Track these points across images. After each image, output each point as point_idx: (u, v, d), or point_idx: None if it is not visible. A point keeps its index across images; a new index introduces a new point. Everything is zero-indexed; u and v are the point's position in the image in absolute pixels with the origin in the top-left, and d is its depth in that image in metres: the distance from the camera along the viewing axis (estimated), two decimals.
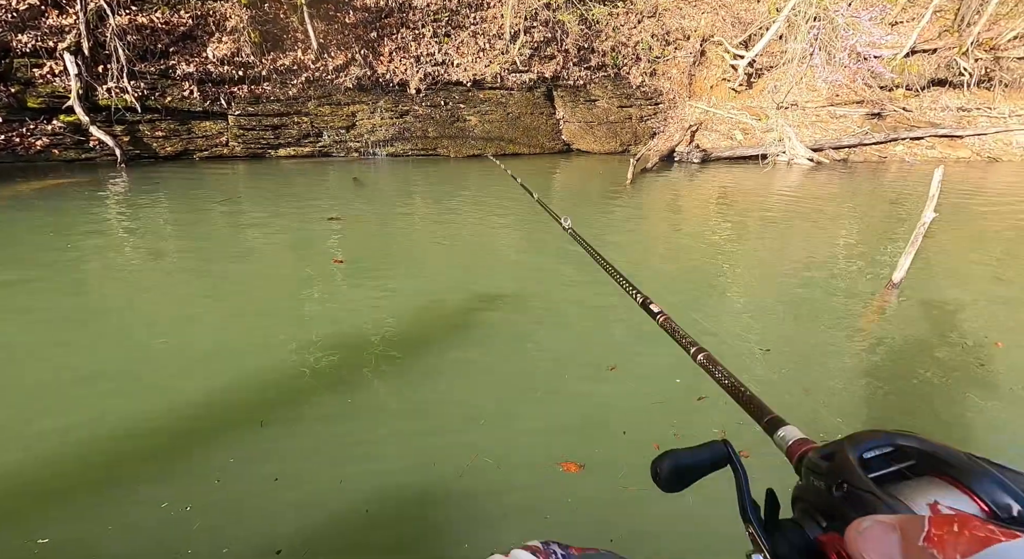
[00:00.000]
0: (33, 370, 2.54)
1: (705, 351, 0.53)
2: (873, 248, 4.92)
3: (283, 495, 1.82)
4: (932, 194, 3.70)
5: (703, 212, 6.57)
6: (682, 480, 0.36)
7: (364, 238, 4.92)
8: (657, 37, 12.51)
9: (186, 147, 8.75)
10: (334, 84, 9.74)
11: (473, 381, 2.52)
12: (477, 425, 2.23)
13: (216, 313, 3.24)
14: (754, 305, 3.57)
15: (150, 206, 5.90)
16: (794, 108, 11.85)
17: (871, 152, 11.06)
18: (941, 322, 3.29)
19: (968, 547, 0.19)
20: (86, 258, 4.17)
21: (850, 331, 3.16)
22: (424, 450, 2.06)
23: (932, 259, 4.33)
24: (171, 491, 1.81)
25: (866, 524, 0.22)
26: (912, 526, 0.21)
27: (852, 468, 0.28)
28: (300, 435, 2.12)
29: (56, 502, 1.77)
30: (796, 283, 3.95)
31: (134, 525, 1.69)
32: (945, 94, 12.14)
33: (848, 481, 0.27)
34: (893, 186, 8.49)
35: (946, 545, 0.19)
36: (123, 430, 2.13)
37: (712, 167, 10.13)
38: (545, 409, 2.35)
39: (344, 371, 2.58)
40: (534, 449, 2.09)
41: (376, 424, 2.21)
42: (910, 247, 3.55)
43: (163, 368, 2.58)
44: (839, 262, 4.43)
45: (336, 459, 1.99)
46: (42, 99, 7.62)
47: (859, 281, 3.96)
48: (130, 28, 8.15)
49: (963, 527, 0.20)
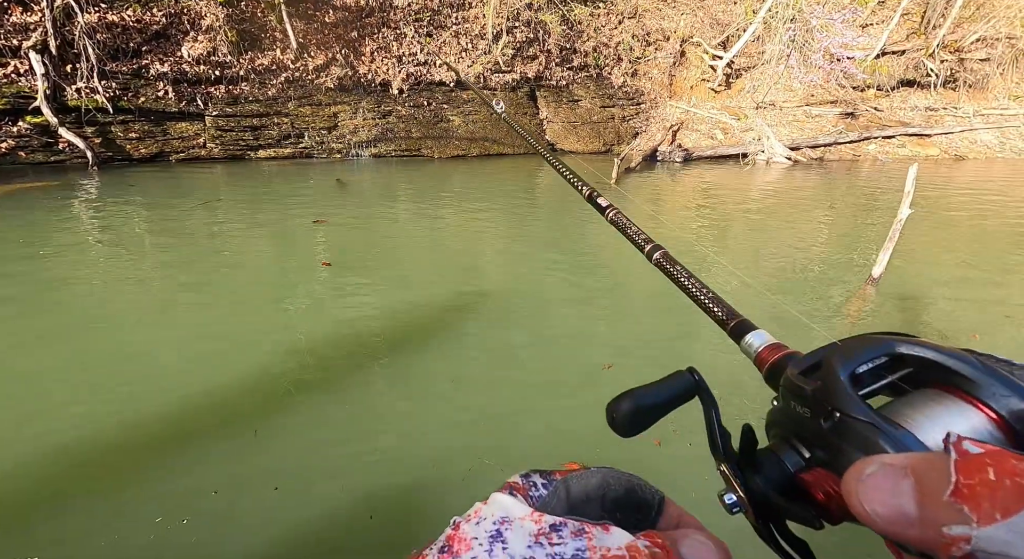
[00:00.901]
0: (6, 385, 2.43)
1: (662, 248, 0.49)
2: (852, 244, 5.07)
3: (284, 503, 1.78)
4: (908, 190, 3.82)
5: (687, 211, 6.67)
6: (643, 421, 0.29)
7: (350, 240, 4.86)
8: (638, 38, 12.65)
9: (161, 149, 8.49)
10: (315, 84, 9.58)
11: (472, 382, 2.51)
12: (478, 426, 2.22)
13: (200, 322, 3.16)
14: (737, 304, 3.64)
15: (125, 211, 5.71)
16: (771, 108, 12.13)
17: (846, 151, 11.39)
18: (919, 315, 3.41)
19: (1011, 501, 0.14)
20: (57, 268, 4.01)
21: (832, 326, 3.24)
22: (427, 452, 2.04)
23: (909, 254, 4.48)
24: (166, 504, 1.76)
25: (870, 469, 0.18)
26: (932, 473, 0.16)
27: (844, 392, 0.23)
28: (297, 442, 2.08)
29: (43, 517, 1.70)
30: (779, 280, 4.04)
31: (126, 541, 1.63)
32: (914, 94, 12.58)
33: (841, 409, 0.22)
34: (867, 183, 8.76)
35: (982, 500, 0.15)
36: (103, 443, 2.05)
37: (694, 166, 10.30)
38: (546, 409, 2.35)
39: (340, 376, 2.54)
40: (537, 450, 2.09)
41: (375, 427, 2.18)
42: (888, 242, 3.67)
43: (146, 377, 2.50)
44: (820, 259, 4.55)
45: (337, 465, 1.96)
46: (6, 100, 7.30)
47: (840, 277, 4.08)
48: (100, 26, 7.88)
49: (1001, 472, 0.15)
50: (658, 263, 0.47)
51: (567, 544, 0.19)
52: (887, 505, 0.17)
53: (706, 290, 0.40)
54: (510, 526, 0.20)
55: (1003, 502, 0.15)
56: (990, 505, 0.15)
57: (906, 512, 0.17)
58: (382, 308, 3.32)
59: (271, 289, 3.70)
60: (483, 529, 0.20)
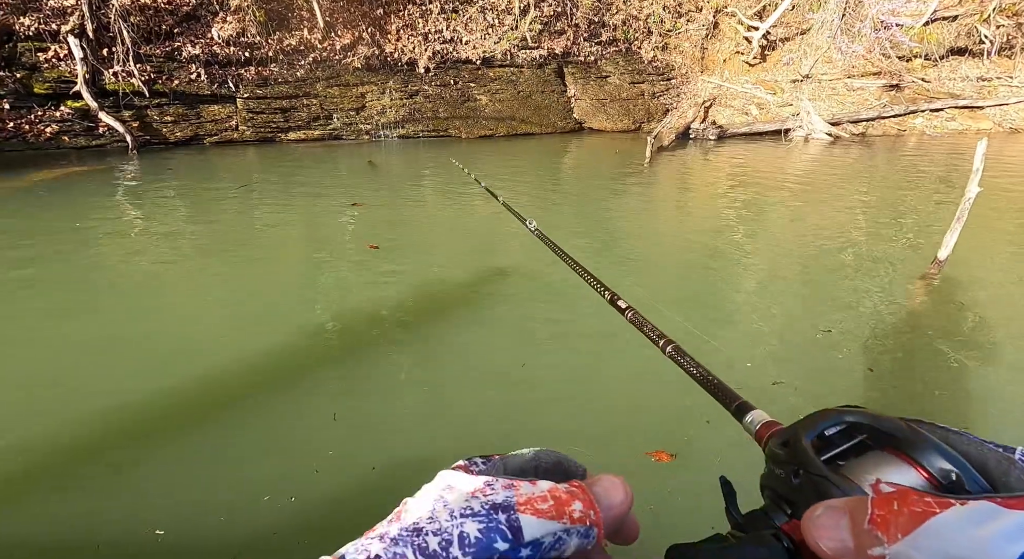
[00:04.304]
0: (42, 356, 2.53)
1: (673, 343, 0.55)
2: (907, 225, 4.86)
3: (324, 481, 1.83)
4: (976, 168, 3.62)
5: (731, 192, 6.48)
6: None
7: (389, 222, 4.87)
8: (669, 9, 12.16)
9: (196, 132, 8.61)
10: (342, 64, 9.52)
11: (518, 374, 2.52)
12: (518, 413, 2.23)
13: (256, 304, 3.23)
14: (803, 289, 3.54)
15: (168, 196, 5.83)
16: (809, 81, 11.59)
17: (890, 125, 10.85)
18: (986, 299, 3.27)
19: (907, 524, 0.19)
20: (112, 254, 4.13)
21: (902, 312, 3.13)
22: (456, 439, 2.07)
23: (975, 235, 4.27)
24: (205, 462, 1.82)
25: (818, 512, 0.22)
26: (859, 508, 0.21)
27: (805, 453, 0.28)
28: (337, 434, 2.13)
29: (57, 492, 1.78)
30: (835, 263, 3.91)
31: (139, 517, 1.69)
32: (965, 63, 11.83)
33: (803, 467, 0.27)
34: (916, 160, 8.35)
35: (888, 525, 0.19)
36: (132, 414, 2.13)
37: (729, 144, 9.97)
38: (584, 395, 2.35)
39: (393, 360, 2.57)
40: (550, 427, 2.10)
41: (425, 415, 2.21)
42: (955, 223, 3.50)
43: (197, 355, 2.57)
44: (875, 241, 4.38)
45: (367, 446, 2.00)
46: (49, 84, 7.46)
47: (900, 259, 3.92)
48: (133, 9, 7.92)
49: (902, 504, 0.20)
50: (671, 356, 0.53)
51: (498, 494, 0.24)
52: (833, 539, 0.21)
53: (712, 377, 0.47)
54: (451, 491, 0.24)
55: (903, 525, 0.19)
56: (894, 528, 0.19)
57: (846, 543, 0.20)
58: (436, 288, 3.34)
59: (322, 271, 3.75)
60: (428, 497, 0.24)
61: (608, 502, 0.25)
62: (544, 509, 0.23)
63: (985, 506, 0.19)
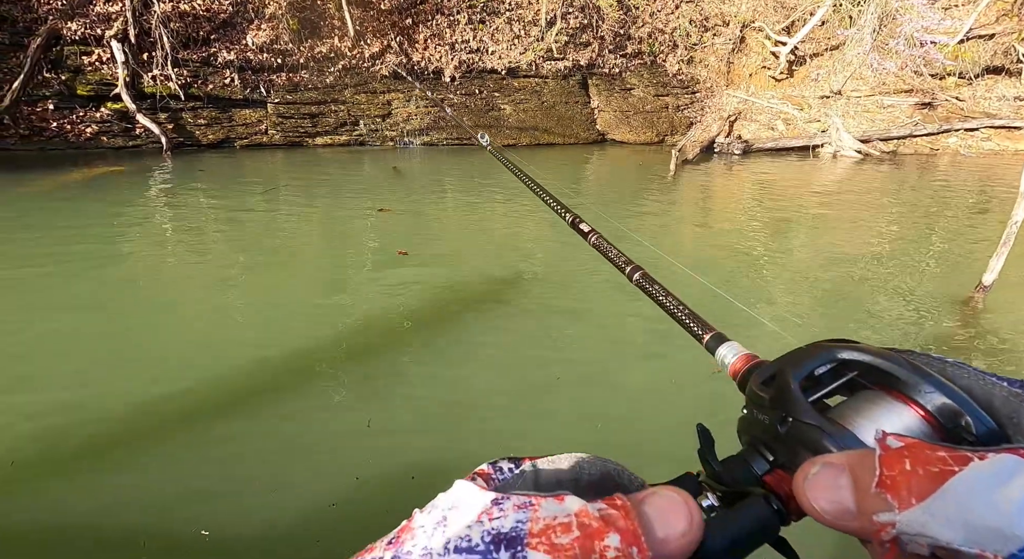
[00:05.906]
0: (75, 355, 2.58)
1: (641, 269, 0.51)
2: (944, 247, 4.72)
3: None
4: (1023, 191, 3.50)
5: (758, 207, 6.39)
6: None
7: (417, 228, 4.90)
8: (695, 23, 12.13)
9: (227, 135, 8.82)
10: (370, 72, 9.69)
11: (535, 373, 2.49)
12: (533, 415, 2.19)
13: (288, 307, 3.26)
14: (836, 311, 3.45)
15: (198, 197, 5.97)
16: (837, 97, 11.42)
17: (922, 144, 10.61)
18: None
19: (923, 487, 0.17)
20: (142, 250, 4.23)
21: (944, 338, 3.03)
22: (468, 443, 2.04)
23: (1017, 260, 4.12)
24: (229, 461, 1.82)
25: (814, 469, 0.19)
26: (864, 467, 0.18)
27: (793, 398, 0.24)
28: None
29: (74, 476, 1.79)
30: (869, 286, 3.81)
31: (160, 504, 1.69)
32: (1001, 82, 11.55)
33: (791, 413, 0.24)
34: (949, 180, 8.14)
35: (900, 487, 0.17)
36: (157, 413, 2.15)
37: (754, 159, 9.85)
38: (592, 399, 2.30)
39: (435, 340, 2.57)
40: (574, 438, 2.05)
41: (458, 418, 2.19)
42: (1001, 247, 3.38)
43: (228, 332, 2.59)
44: (913, 263, 4.25)
45: (403, 452, 1.98)
46: (91, 86, 7.74)
47: (940, 283, 3.80)
48: (173, 15, 8.20)
49: (915, 462, 0.17)
50: (638, 283, 0.49)
51: (507, 517, 0.18)
52: (831, 501, 0.18)
53: (682, 306, 0.43)
54: (458, 511, 0.19)
55: (918, 488, 0.17)
56: (907, 492, 0.17)
57: (846, 506, 0.18)
58: (463, 295, 3.33)
59: (348, 274, 3.78)
60: (432, 517, 0.20)
61: (663, 533, 0.18)
62: (564, 544, 0.17)
63: (1009, 460, 0.16)
